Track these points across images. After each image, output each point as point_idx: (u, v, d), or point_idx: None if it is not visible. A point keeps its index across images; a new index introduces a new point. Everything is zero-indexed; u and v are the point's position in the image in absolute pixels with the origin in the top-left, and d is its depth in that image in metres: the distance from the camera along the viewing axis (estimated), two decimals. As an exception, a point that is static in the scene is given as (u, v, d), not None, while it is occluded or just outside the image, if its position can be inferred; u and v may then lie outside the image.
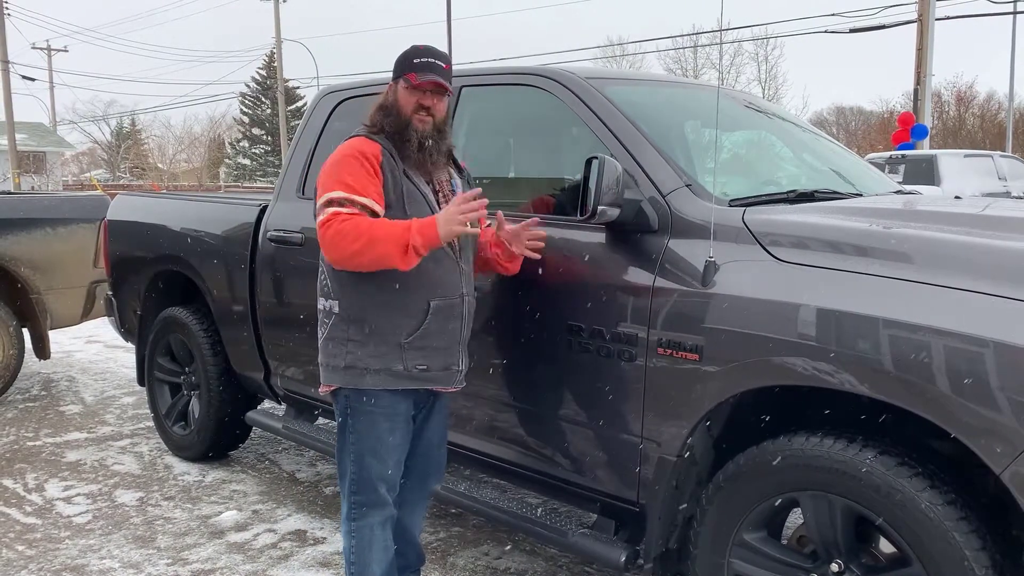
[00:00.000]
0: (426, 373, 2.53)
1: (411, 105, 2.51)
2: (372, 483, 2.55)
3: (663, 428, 2.45)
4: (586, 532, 2.74)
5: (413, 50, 2.57)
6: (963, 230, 2.26)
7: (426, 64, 2.51)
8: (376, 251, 2.34)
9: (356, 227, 2.34)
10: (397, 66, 2.57)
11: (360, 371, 2.50)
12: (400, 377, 2.51)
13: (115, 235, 4.94)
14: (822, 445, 2.14)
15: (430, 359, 2.53)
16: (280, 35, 38.86)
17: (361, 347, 2.50)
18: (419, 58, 2.53)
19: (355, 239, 2.33)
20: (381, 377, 2.50)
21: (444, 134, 2.57)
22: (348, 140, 2.54)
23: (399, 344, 2.49)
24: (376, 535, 2.59)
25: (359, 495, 2.57)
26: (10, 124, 34.08)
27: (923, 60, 17.92)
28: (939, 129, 42.29)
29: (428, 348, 2.52)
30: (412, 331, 2.49)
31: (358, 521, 2.58)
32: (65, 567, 3.39)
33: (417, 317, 2.49)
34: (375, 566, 2.59)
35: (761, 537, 2.33)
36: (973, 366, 1.88)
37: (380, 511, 2.58)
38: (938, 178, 13.63)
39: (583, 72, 3.06)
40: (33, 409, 5.77)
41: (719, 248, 2.38)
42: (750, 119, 3.61)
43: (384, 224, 2.37)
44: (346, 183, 2.41)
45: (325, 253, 2.44)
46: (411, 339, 2.49)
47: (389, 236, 2.34)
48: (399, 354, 2.49)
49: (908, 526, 1.99)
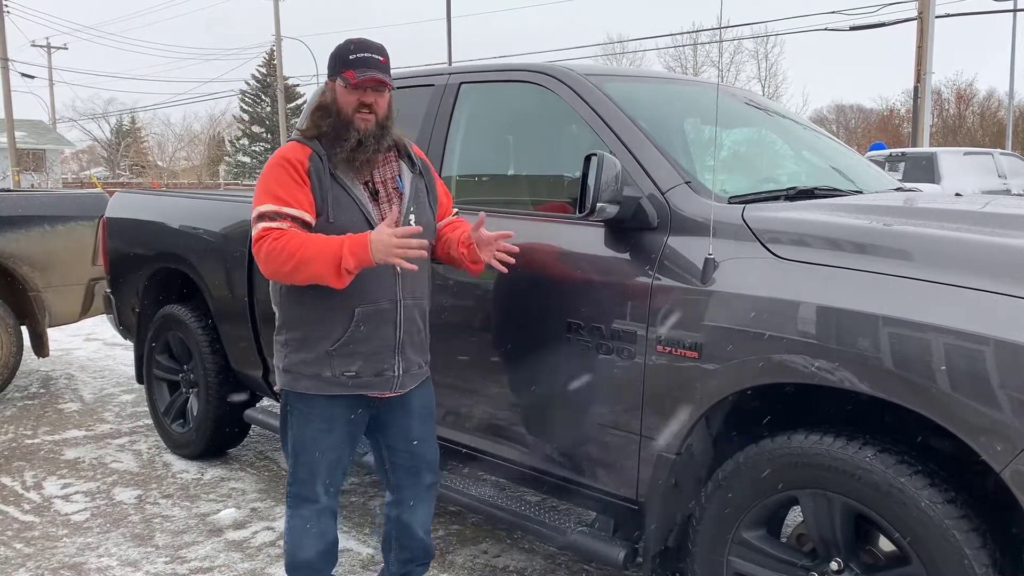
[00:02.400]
0: (356, 379, 2.51)
1: (352, 104, 2.45)
2: (305, 479, 2.61)
3: (662, 426, 2.44)
4: (585, 530, 2.74)
5: (347, 46, 2.47)
6: (963, 227, 2.25)
7: (363, 60, 2.43)
8: (309, 271, 2.32)
9: (286, 246, 2.32)
10: (332, 63, 2.50)
11: (295, 375, 2.54)
12: (330, 383, 2.51)
13: (114, 232, 4.93)
14: (821, 443, 2.13)
15: (359, 365, 2.50)
16: (280, 33, 38.82)
17: (295, 352, 2.53)
18: (355, 54, 2.44)
19: (287, 259, 2.32)
20: (312, 382, 2.52)
21: (387, 130, 2.51)
22: (280, 148, 2.52)
23: (326, 351, 2.48)
24: (309, 526, 2.64)
25: (293, 487, 2.64)
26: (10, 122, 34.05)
27: (923, 58, 17.90)
28: (939, 127, 42.29)
29: (356, 355, 2.49)
30: (338, 338, 2.48)
31: (291, 510, 2.66)
32: (63, 565, 3.39)
33: (342, 324, 2.47)
34: (306, 551, 2.66)
35: (760, 535, 2.32)
36: (973, 364, 1.88)
37: (312, 505, 2.64)
38: (938, 176, 13.61)
39: (582, 69, 3.05)
40: (32, 407, 5.76)
41: (718, 245, 2.38)
42: (750, 116, 3.60)
43: (315, 242, 2.32)
44: (275, 194, 2.38)
45: (261, 269, 2.42)
46: (336, 346, 2.48)
47: (320, 256, 2.30)
48: (327, 361, 2.49)
49: (907, 524, 1.98)
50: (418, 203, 2.57)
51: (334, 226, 2.40)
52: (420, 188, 2.60)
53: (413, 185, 2.57)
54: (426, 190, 2.63)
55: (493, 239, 2.56)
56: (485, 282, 2.95)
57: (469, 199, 3.18)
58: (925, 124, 17.95)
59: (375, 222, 2.45)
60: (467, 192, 3.31)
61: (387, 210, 2.50)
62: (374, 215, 2.47)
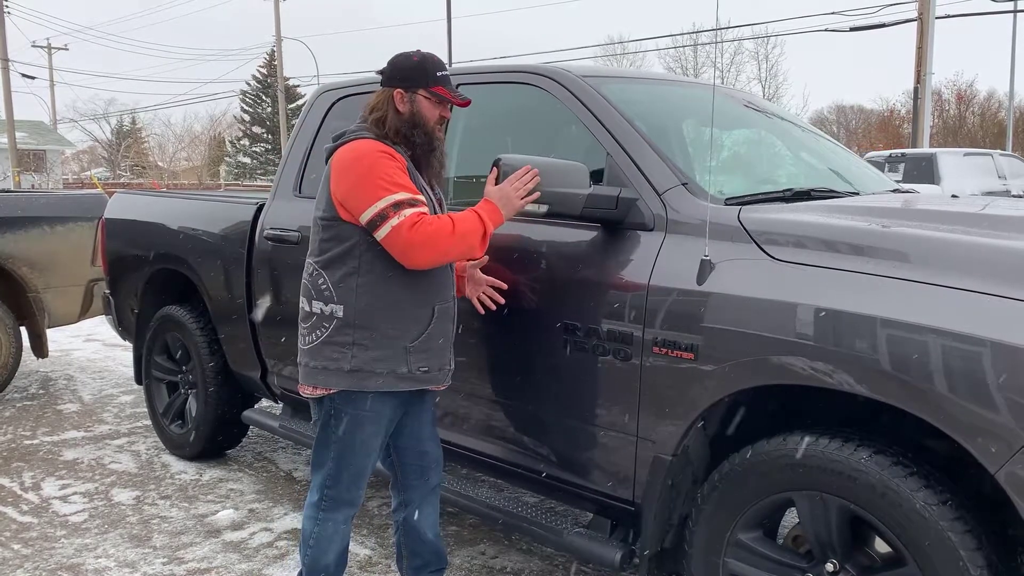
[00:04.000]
0: (427, 374, 2.58)
1: (435, 117, 2.57)
2: (350, 482, 2.62)
3: (658, 427, 2.45)
4: (582, 531, 2.74)
5: (432, 62, 2.58)
6: (961, 229, 2.25)
7: (449, 79, 2.57)
8: (465, 244, 2.42)
9: (443, 227, 2.40)
10: (414, 75, 2.55)
11: (366, 374, 2.51)
12: (404, 379, 2.54)
13: (113, 233, 4.93)
14: (817, 445, 2.13)
15: (431, 360, 2.58)
16: (280, 33, 38.85)
17: (366, 351, 2.51)
18: (441, 71, 2.57)
19: (447, 236, 2.40)
20: (385, 379, 2.52)
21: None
22: (362, 142, 2.49)
23: (405, 347, 2.52)
24: (340, 529, 2.66)
25: (334, 490, 2.62)
26: (10, 122, 34.07)
27: (923, 58, 17.90)
28: (939, 128, 42.26)
29: (431, 350, 2.57)
30: (418, 335, 2.54)
31: (327, 512, 2.64)
32: (61, 566, 3.39)
33: (424, 321, 2.54)
34: (331, 555, 2.67)
35: (756, 537, 2.32)
36: (970, 366, 1.88)
37: (349, 508, 2.66)
38: (938, 177, 13.62)
39: (580, 70, 3.05)
40: (31, 407, 5.76)
41: (715, 247, 2.38)
42: (748, 118, 3.60)
43: (460, 219, 2.44)
44: (400, 183, 2.43)
45: (412, 255, 2.40)
46: (416, 342, 2.53)
47: (471, 229, 2.43)
48: (404, 357, 2.52)
49: (903, 526, 1.98)
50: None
51: None
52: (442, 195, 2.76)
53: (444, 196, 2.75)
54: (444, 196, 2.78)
55: (484, 282, 2.76)
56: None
57: (467, 201, 3.17)
58: (925, 125, 17.94)
59: None
60: (465, 194, 3.31)
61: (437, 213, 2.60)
62: None
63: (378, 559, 3.42)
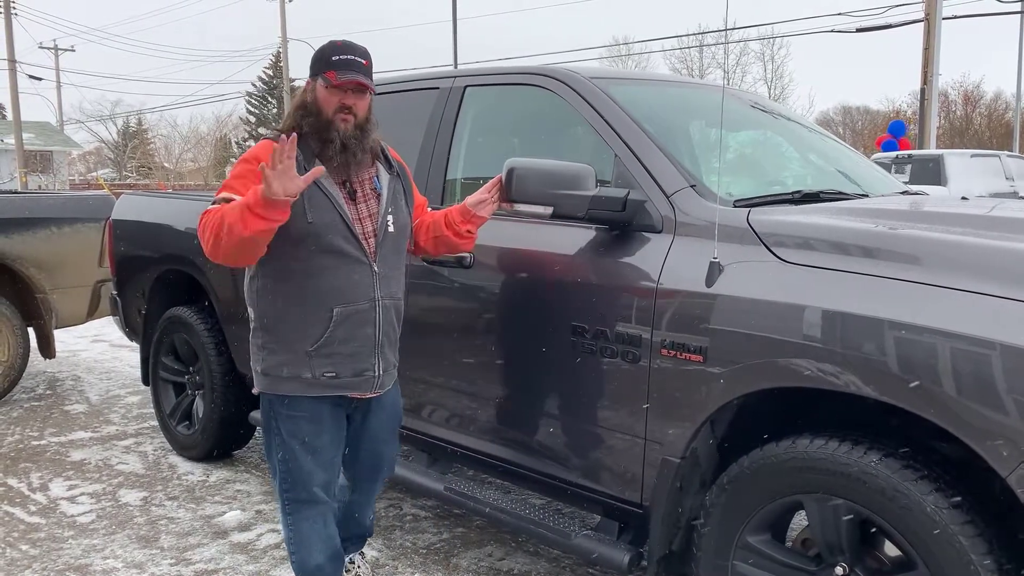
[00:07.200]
0: (335, 380, 2.51)
1: (333, 105, 2.44)
2: (302, 483, 2.58)
3: (667, 430, 2.44)
4: (589, 534, 2.74)
5: (331, 47, 2.46)
6: (970, 231, 2.24)
7: (346, 62, 2.42)
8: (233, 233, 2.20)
9: (211, 219, 2.28)
10: (314, 63, 2.49)
11: (274, 378, 2.52)
12: (310, 384, 2.50)
13: (120, 234, 4.94)
14: (826, 448, 2.13)
15: (338, 366, 2.50)
16: (286, 34, 38.89)
17: (273, 355, 2.51)
18: (338, 55, 2.43)
19: (215, 228, 2.25)
20: (293, 384, 2.50)
21: (367, 132, 2.51)
22: (256, 145, 2.51)
23: (306, 352, 2.48)
24: (316, 528, 2.62)
25: (291, 492, 2.59)
26: (17, 123, 34.21)
27: (930, 59, 17.83)
28: (946, 129, 42.16)
29: (335, 355, 2.49)
30: (316, 339, 2.47)
31: (293, 515, 2.61)
32: (69, 567, 3.40)
33: (321, 325, 2.46)
34: (319, 555, 2.63)
35: (765, 539, 2.31)
36: (980, 368, 1.87)
37: (314, 507, 2.61)
38: (945, 178, 13.57)
39: (587, 72, 3.05)
40: (38, 408, 5.78)
41: (723, 249, 2.37)
42: (755, 119, 3.59)
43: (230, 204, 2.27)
44: (231, 186, 2.37)
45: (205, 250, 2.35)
46: (316, 347, 2.47)
47: (233, 207, 2.23)
48: (306, 362, 2.48)
49: (913, 529, 1.97)
50: (395, 204, 2.59)
51: (313, 226, 2.40)
52: (397, 190, 2.62)
53: (391, 186, 2.59)
54: (403, 192, 2.65)
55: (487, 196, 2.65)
56: (490, 285, 2.95)
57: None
58: (932, 126, 17.87)
59: (351, 222, 2.46)
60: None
61: (363, 210, 2.50)
62: (350, 215, 2.47)
63: (385, 560, 3.42)
